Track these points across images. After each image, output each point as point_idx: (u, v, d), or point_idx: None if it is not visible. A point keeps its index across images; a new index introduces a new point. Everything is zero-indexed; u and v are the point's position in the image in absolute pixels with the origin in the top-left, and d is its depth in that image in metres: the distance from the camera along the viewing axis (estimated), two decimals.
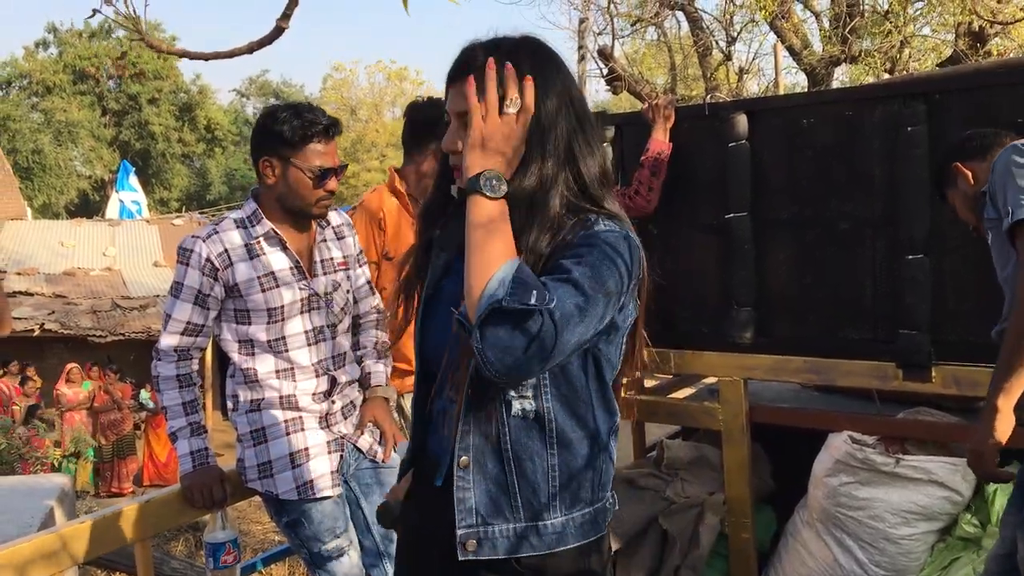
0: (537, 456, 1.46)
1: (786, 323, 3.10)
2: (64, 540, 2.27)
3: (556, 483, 1.46)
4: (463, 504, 1.47)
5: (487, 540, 1.46)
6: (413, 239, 3.02)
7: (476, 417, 1.46)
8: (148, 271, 17.78)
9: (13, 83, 37.60)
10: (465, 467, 1.47)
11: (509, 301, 1.25)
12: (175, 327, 2.45)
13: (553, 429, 1.45)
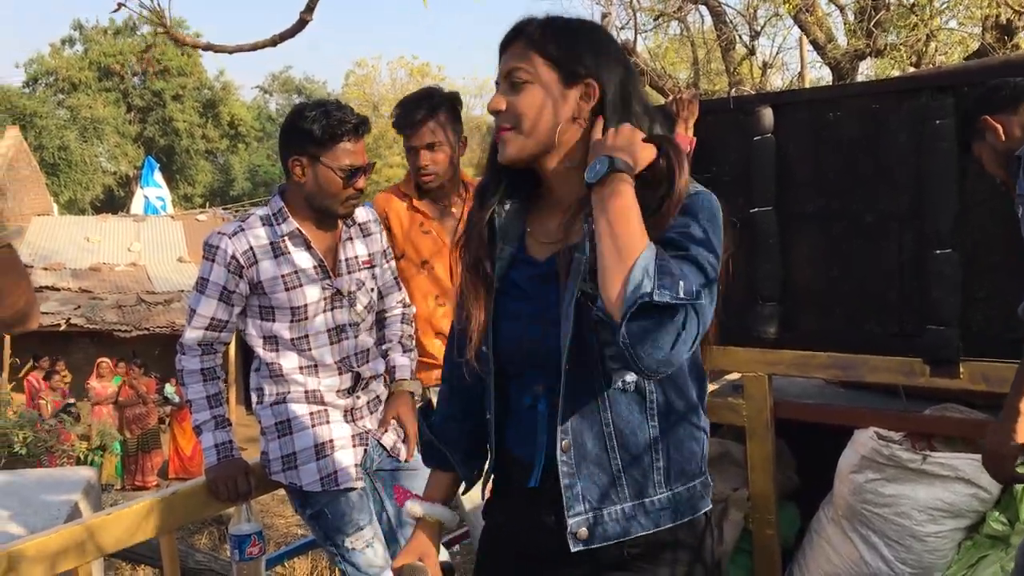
0: (639, 429, 1.41)
1: (811, 318, 3.08)
2: (91, 531, 2.29)
3: (659, 456, 1.42)
4: (570, 491, 1.42)
5: (599, 525, 1.41)
6: (417, 242, 3.03)
7: (577, 400, 1.41)
8: (172, 266, 17.96)
9: (39, 80, 38.02)
10: (567, 451, 1.42)
11: (660, 294, 1.20)
12: (199, 322, 2.46)
13: (654, 400, 1.41)
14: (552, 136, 1.42)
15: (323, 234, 2.51)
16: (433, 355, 3.02)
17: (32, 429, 9.16)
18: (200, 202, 36.86)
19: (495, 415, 1.54)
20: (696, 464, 1.46)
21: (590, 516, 1.41)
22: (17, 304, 1.90)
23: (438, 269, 3.03)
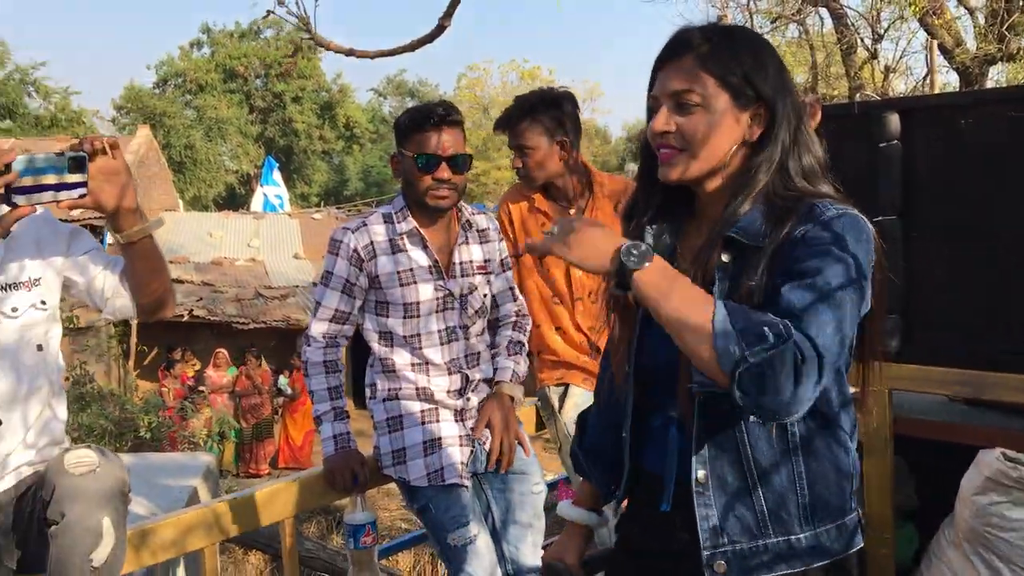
0: (781, 463, 1.36)
1: (935, 332, 2.96)
2: (218, 514, 2.41)
3: (805, 492, 1.36)
4: (706, 523, 1.37)
5: (736, 560, 1.36)
6: None
7: (711, 427, 1.37)
8: (289, 262, 18.51)
9: (169, 81, 39.81)
10: (703, 482, 1.38)
11: (752, 354, 1.17)
12: (324, 314, 2.55)
13: (795, 433, 1.36)
14: (722, 160, 1.40)
15: (439, 235, 2.56)
16: (555, 352, 3.04)
17: (156, 415, 9.62)
18: (315, 201, 37.92)
19: (633, 433, 1.53)
20: (844, 499, 1.39)
21: (728, 550, 1.37)
22: (157, 292, 2.02)
23: (555, 271, 3.03)
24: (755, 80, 1.38)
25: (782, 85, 1.40)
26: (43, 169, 1.70)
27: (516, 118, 2.90)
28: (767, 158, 1.39)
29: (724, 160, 1.40)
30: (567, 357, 3.04)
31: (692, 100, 1.38)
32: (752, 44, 1.43)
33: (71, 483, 1.72)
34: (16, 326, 1.90)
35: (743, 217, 1.37)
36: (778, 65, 1.42)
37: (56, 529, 1.73)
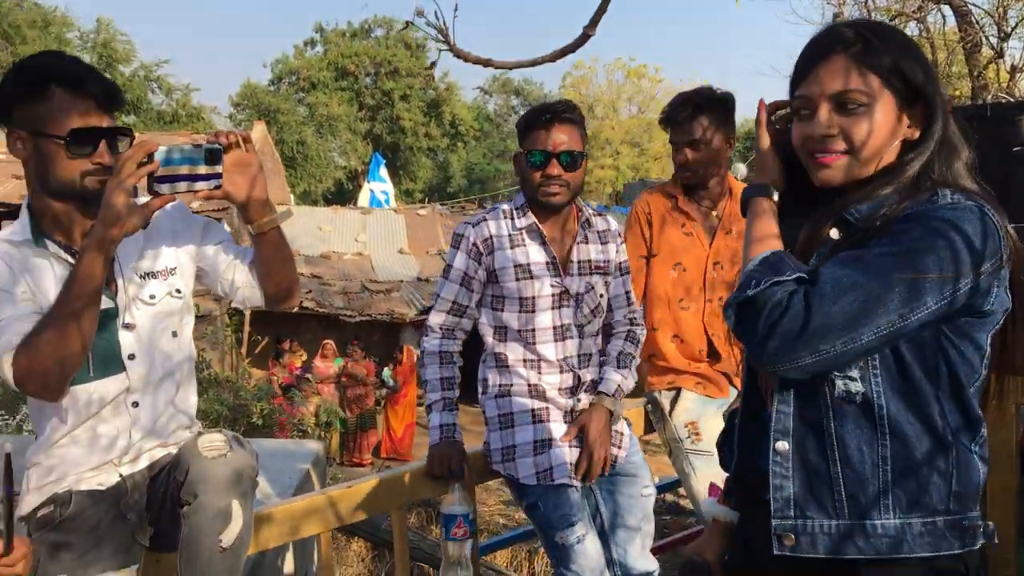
0: (866, 444, 1.33)
1: None
2: (332, 501, 2.48)
3: (887, 477, 1.32)
4: (779, 492, 1.38)
5: (806, 535, 1.35)
6: (676, 242, 3.01)
7: (796, 399, 1.37)
8: (394, 257, 18.84)
9: (283, 79, 41.06)
10: (783, 452, 1.38)
11: (752, 287, 1.28)
12: (443, 306, 2.60)
13: (884, 416, 1.32)
14: (884, 161, 1.38)
15: (558, 232, 2.57)
16: (666, 358, 3.02)
17: (268, 402, 9.94)
18: (420, 197, 38.54)
19: (747, 425, 1.53)
20: (940, 498, 1.33)
21: (798, 523, 1.36)
22: (284, 281, 2.09)
23: (691, 272, 3.01)
24: (914, 78, 1.35)
25: (935, 82, 1.37)
26: (182, 160, 1.78)
27: (691, 113, 2.88)
28: (919, 155, 1.37)
29: (880, 158, 1.38)
30: (677, 364, 3.01)
31: (858, 100, 1.34)
32: (905, 41, 1.40)
33: (204, 466, 1.80)
34: (153, 313, 1.99)
35: (871, 202, 1.36)
36: (927, 62, 1.38)
37: (188, 509, 1.81)
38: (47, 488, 1.94)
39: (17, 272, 1.85)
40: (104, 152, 1.86)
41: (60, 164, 1.84)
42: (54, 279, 1.87)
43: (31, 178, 1.90)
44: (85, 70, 1.89)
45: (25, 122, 1.85)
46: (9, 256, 1.87)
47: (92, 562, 1.89)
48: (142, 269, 1.99)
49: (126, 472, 1.98)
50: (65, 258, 1.90)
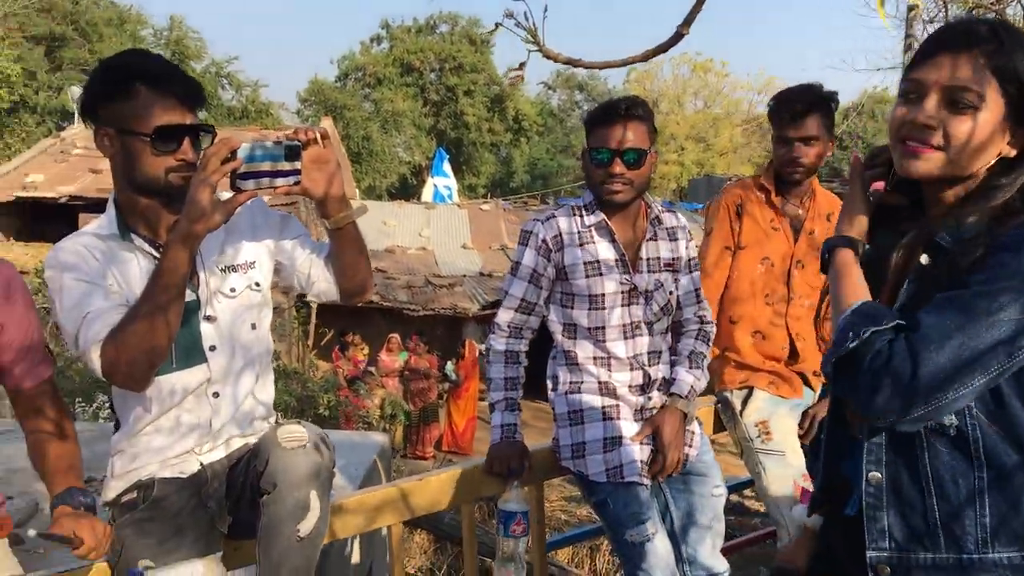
0: (961, 477, 1.29)
1: None
2: (405, 493, 2.50)
3: (984, 510, 1.28)
4: (874, 524, 1.35)
5: (901, 567, 1.33)
6: (764, 236, 2.96)
7: (888, 430, 1.33)
8: (457, 252, 18.95)
9: (350, 75, 41.52)
10: (876, 483, 1.35)
11: (851, 340, 1.23)
12: (511, 303, 2.59)
13: (979, 448, 1.28)
14: (973, 171, 1.33)
15: (627, 229, 2.55)
16: (741, 353, 2.98)
17: (334, 394, 10.08)
18: (483, 192, 38.69)
19: (833, 435, 1.50)
20: None
21: (894, 556, 1.33)
22: (358, 275, 2.11)
23: (778, 268, 2.97)
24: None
25: None
26: (263, 157, 1.80)
27: (807, 108, 2.83)
28: (1015, 178, 1.31)
29: (974, 172, 1.32)
30: (752, 361, 2.97)
31: (969, 100, 1.29)
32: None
33: (283, 456, 1.83)
34: (233, 306, 2.03)
35: (962, 226, 1.30)
36: None
37: (268, 499, 1.84)
38: (131, 475, 2.00)
39: (105, 265, 1.91)
40: (188, 149, 1.90)
41: (145, 161, 1.88)
42: (139, 272, 1.92)
43: (117, 174, 1.95)
44: (169, 68, 1.92)
45: (112, 120, 1.89)
46: (97, 249, 1.92)
47: (174, 548, 1.94)
48: (223, 263, 2.03)
49: (206, 461, 2.02)
50: (150, 252, 1.94)
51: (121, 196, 1.98)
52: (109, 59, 1.96)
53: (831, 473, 1.50)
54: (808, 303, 2.98)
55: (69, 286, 1.85)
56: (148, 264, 1.93)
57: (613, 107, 2.47)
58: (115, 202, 1.99)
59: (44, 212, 16.98)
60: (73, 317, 1.82)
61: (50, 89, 27.22)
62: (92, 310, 1.82)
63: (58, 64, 28.54)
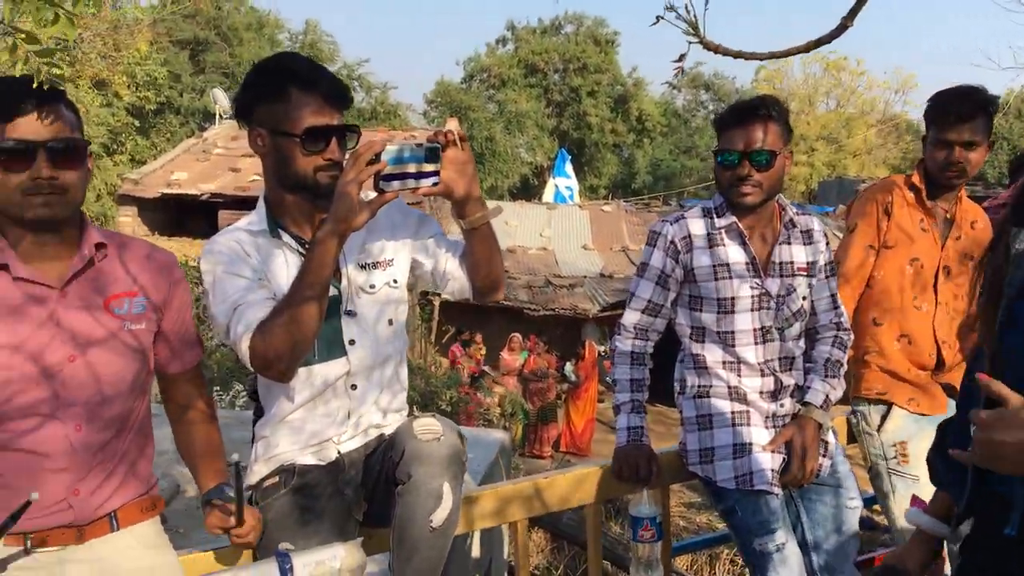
0: None
1: None
2: (537, 489, 2.52)
3: None
4: None
5: None
6: (913, 237, 2.85)
7: None
8: (578, 253, 18.94)
9: (475, 77, 42.08)
10: None
11: None
12: (637, 304, 2.58)
13: None
14: None
15: (760, 232, 2.51)
16: (887, 358, 2.86)
17: (456, 390, 10.25)
18: (604, 193, 38.54)
19: None
20: None
21: None
22: (492, 274, 2.15)
23: (927, 270, 2.86)
24: None
25: None
26: (406, 159, 1.85)
27: (972, 110, 2.72)
28: None
29: None
30: (897, 367, 2.85)
31: None
32: None
33: (418, 448, 1.88)
34: (373, 301, 2.10)
35: None
36: None
37: (403, 488, 1.89)
38: (273, 460, 2.09)
39: (255, 259, 2.00)
40: (335, 148, 1.98)
41: (296, 160, 1.96)
42: (286, 267, 2.01)
43: (269, 173, 2.04)
44: (317, 71, 2.00)
45: (265, 121, 1.98)
46: (248, 244, 2.02)
47: (312, 533, 2.01)
48: (364, 260, 2.10)
49: (344, 450, 2.09)
50: (297, 248, 2.03)
51: (271, 194, 2.07)
52: (262, 63, 2.05)
53: (978, 489, 1.43)
54: (952, 310, 2.85)
55: (222, 278, 1.95)
56: (295, 259, 2.01)
57: (743, 107, 2.43)
58: (265, 200, 2.09)
59: (186, 208, 17.91)
60: (225, 308, 1.92)
61: (193, 91, 28.65)
62: (243, 302, 1.91)
63: (201, 67, 30.02)
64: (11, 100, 1.62)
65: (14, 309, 1.67)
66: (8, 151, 1.62)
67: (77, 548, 1.72)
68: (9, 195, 1.64)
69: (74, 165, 1.69)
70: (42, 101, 1.63)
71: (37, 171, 1.63)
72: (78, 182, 1.70)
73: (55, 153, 1.65)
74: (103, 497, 1.76)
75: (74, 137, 1.69)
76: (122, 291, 1.80)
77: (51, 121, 1.65)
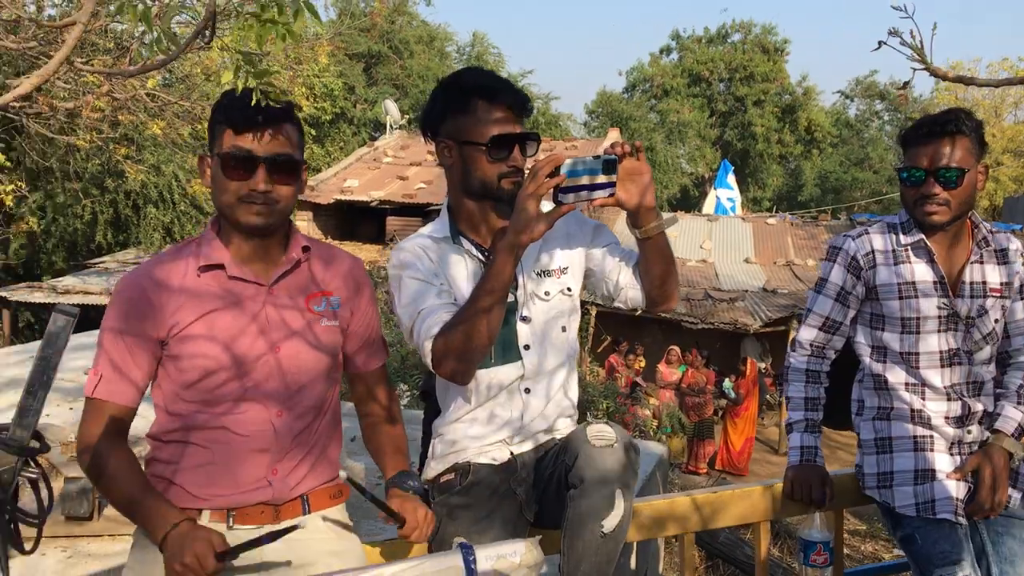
0: None
1: None
2: (697, 505, 2.48)
3: None
4: None
5: None
6: None
7: None
8: (739, 266, 18.52)
9: (637, 87, 41.96)
10: None
11: None
12: (814, 321, 2.52)
13: None
14: None
15: (949, 250, 2.40)
16: None
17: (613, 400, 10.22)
18: (767, 205, 37.53)
19: None
20: None
21: None
22: (666, 284, 2.16)
23: None
24: None
25: None
26: (583, 171, 1.90)
27: None
28: None
29: None
30: None
31: None
32: None
33: (592, 453, 1.90)
34: (547, 308, 2.14)
35: None
36: None
37: (575, 493, 1.92)
38: (449, 457, 2.16)
39: (438, 265, 2.09)
40: (517, 155, 2.05)
41: (482, 168, 2.04)
42: (466, 273, 2.09)
43: (454, 182, 2.13)
44: (501, 83, 2.07)
45: (452, 133, 2.07)
46: (431, 250, 2.11)
47: (485, 529, 2.07)
48: (539, 268, 2.14)
49: (516, 451, 2.14)
50: (476, 255, 2.10)
51: (454, 202, 2.16)
52: (447, 80, 2.14)
53: None
54: None
55: (407, 283, 2.06)
56: (474, 266, 2.09)
57: (929, 122, 2.32)
58: (448, 208, 2.18)
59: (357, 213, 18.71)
60: (409, 312, 2.03)
61: (366, 102, 29.88)
62: (425, 307, 2.01)
63: (374, 79, 31.29)
64: (244, 113, 1.75)
65: (228, 304, 1.82)
66: (232, 158, 1.77)
67: (274, 527, 1.83)
68: (228, 199, 1.79)
69: (289, 180, 1.82)
70: (270, 119, 1.77)
71: (255, 182, 1.77)
72: (290, 195, 1.84)
73: (273, 168, 1.78)
74: (297, 479, 1.87)
75: (292, 155, 1.82)
76: (319, 291, 1.93)
77: (275, 137, 1.78)
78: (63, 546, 4.42)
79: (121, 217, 17.52)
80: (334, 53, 23.69)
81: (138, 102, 9.71)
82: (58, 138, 10.39)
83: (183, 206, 17.59)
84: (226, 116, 1.78)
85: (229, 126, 1.77)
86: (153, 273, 1.81)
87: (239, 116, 1.76)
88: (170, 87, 11.94)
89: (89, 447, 1.78)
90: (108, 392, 1.78)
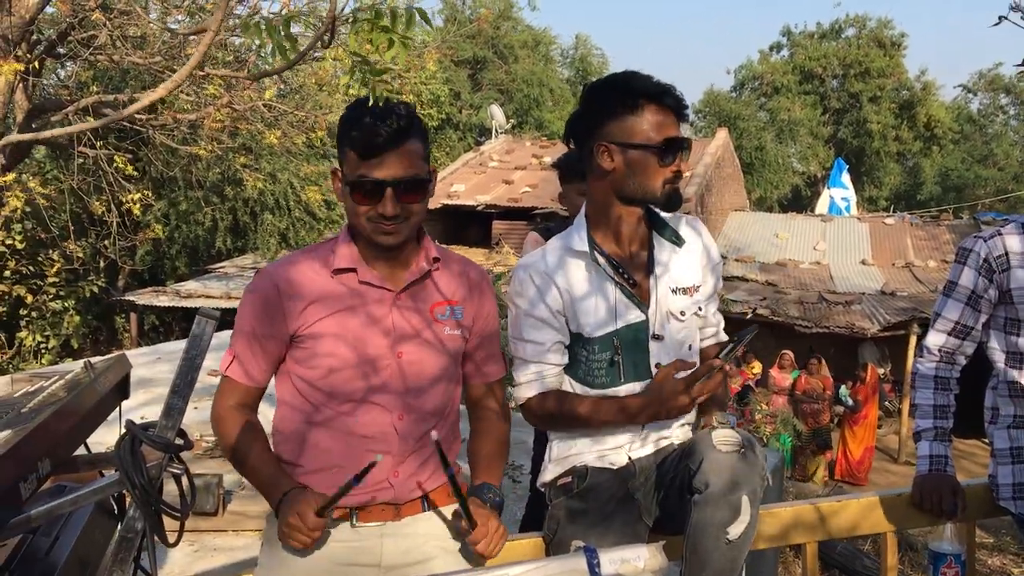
0: None
1: None
2: (822, 514, 2.42)
3: None
4: None
5: None
6: None
7: None
8: (855, 268, 17.90)
9: (745, 85, 41.12)
10: None
11: None
12: (943, 326, 2.43)
13: None
14: None
15: None
16: None
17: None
18: (884, 205, 36.19)
19: None
20: None
21: None
22: None
23: None
24: None
25: None
26: None
27: None
28: None
29: None
30: None
31: None
32: None
33: (719, 458, 1.85)
34: (679, 327, 2.12)
35: None
36: None
37: (699, 498, 1.87)
38: (567, 460, 2.15)
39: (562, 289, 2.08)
40: (680, 161, 2.03)
41: (651, 171, 2.01)
42: (588, 286, 2.08)
43: (609, 187, 2.07)
44: (667, 86, 2.04)
45: (616, 135, 2.02)
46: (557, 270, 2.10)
47: (603, 533, 2.05)
48: (674, 283, 2.12)
49: (634, 456, 2.11)
50: (609, 274, 2.07)
51: (598, 210, 2.12)
52: (607, 81, 2.10)
53: None
54: None
55: (523, 320, 2.12)
56: (598, 279, 2.07)
57: None
58: (586, 217, 2.14)
59: (463, 217, 18.92)
60: (519, 350, 2.14)
61: (471, 107, 30.24)
62: (535, 360, 2.11)
63: (479, 85, 31.64)
64: (368, 140, 1.76)
65: (356, 306, 1.86)
66: (359, 186, 1.80)
67: (394, 524, 1.88)
68: (359, 220, 1.83)
69: (416, 198, 1.84)
70: (394, 138, 1.77)
71: (383, 207, 1.80)
72: (420, 210, 1.87)
73: (400, 190, 1.80)
74: (418, 480, 1.90)
75: (418, 174, 1.83)
76: (445, 300, 1.96)
77: (400, 159, 1.79)
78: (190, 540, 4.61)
79: (240, 224, 18.25)
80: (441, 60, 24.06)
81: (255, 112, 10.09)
82: (181, 148, 10.90)
83: (297, 212, 18.18)
84: (351, 141, 1.79)
85: (354, 150, 1.79)
86: (288, 271, 1.88)
87: (363, 141, 1.77)
88: (285, 97, 12.35)
89: (221, 418, 1.90)
90: (240, 373, 1.90)
